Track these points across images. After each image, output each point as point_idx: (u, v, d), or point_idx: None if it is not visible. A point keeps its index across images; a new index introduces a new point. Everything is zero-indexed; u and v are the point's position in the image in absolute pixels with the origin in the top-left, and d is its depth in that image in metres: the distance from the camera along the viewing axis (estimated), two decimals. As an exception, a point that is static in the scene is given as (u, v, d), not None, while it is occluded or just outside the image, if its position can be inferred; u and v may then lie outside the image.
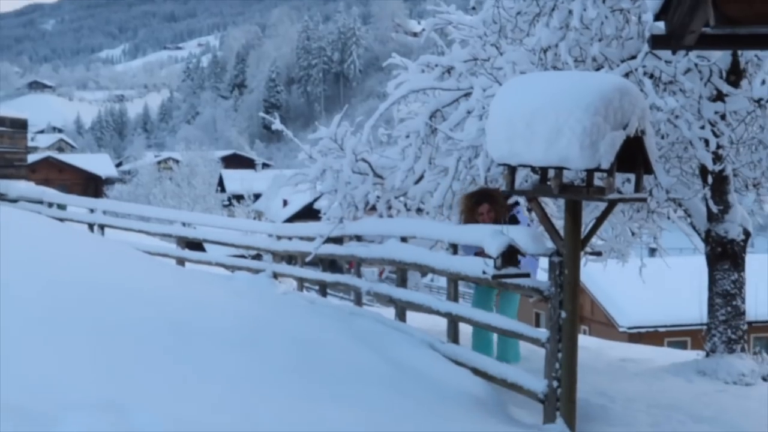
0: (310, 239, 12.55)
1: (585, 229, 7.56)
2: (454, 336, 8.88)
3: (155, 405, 5.46)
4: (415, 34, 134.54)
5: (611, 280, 25.97)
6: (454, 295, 8.92)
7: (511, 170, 7.23)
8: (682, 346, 24.29)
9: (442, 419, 6.64)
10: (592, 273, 25.76)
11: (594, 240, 11.99)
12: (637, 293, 25.19)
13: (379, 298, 10.65)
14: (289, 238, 14.00)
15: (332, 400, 6.23)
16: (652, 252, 17.38)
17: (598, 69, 9.24)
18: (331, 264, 37.60)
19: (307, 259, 12.36)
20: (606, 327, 29.05)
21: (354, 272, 11.85)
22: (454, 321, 8.86)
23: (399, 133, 11.59)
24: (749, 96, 9.54)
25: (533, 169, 7.67)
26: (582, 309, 31.53)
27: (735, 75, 9.93)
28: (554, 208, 10.60)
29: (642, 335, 27.80)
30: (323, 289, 12.98)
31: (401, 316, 10.05)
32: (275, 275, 13.90)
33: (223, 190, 76.27)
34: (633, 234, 11.48)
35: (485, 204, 9.07)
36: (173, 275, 10.27)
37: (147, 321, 7.06)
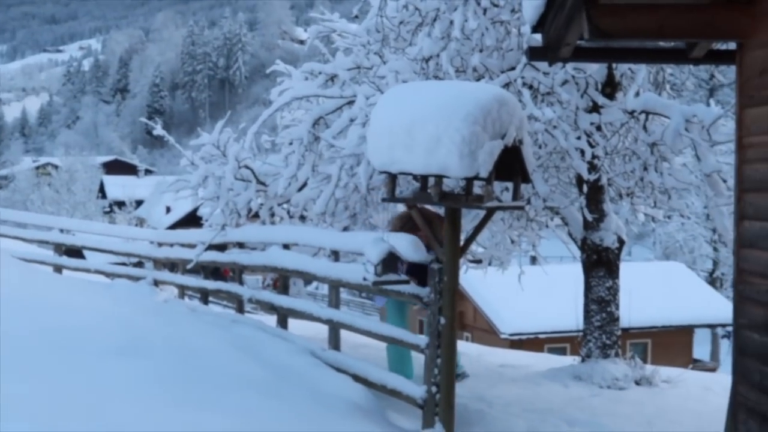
0: (192, 246, 12.42)
1: (465, 237, 7.68)
2: (335, 343, 8.90)
3: (27, 414, 5.33)
4: (301, 42, 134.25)
5: (493, 288, 26.38)
6: (335, 302, 8.95)
7: (392, 178, 7.30)
8: (562, 352, 24.72)
9: (321, 425, 6.64)
10: (475, 281, 26.13)
11: (474, 248, 12.17)
12: (518, 301, 25.59)
13: (261, 305, 10.60)
14: (171, 245, 13.83)
15: (210, 407, 6.18)
16: (533, 260, 17.70)
17: (478, 79, 9.40)
18: (214, 272, 37.25)
19: (188, 267, 12.23)
20: (488, 334, 29.42)
21: (229, 279, 11.80)
22: (335, 328, 8.88)
23: (282, 140, 11.57)
24: (623, 108, 9.82)
25: (414, 177, 7.74)
26: (464, 316, 31.94)
27: (610, 87, 10.22)
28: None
29: (523, 342, 28.24)
30: (205, 296, 12.85)
31: (283, 323, 10.02)
32: (156, 283, 13.70)
33: (104, 196, 74.80)
34: (512, 242, 11.68)
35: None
36: (49, 282, 10.03)
37: (20, 328, 6.89)
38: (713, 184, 9.35)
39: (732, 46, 6.12)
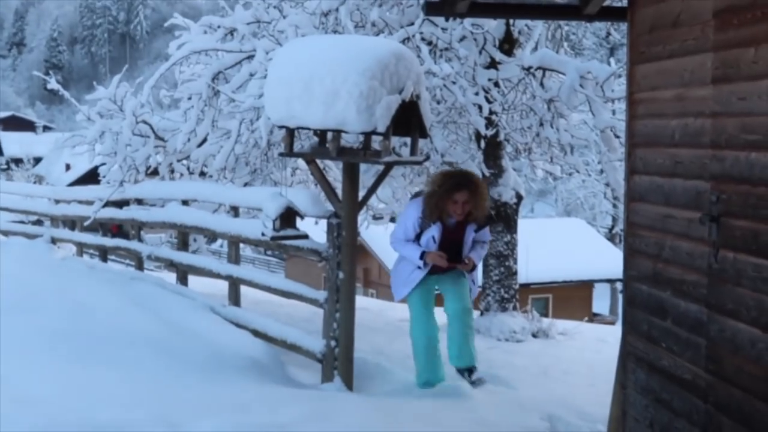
0: (90, 203, 12.21)
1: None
2: (235, 299, 8.88)
3: None
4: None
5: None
6: (235, 258, 8.91)
7: (290, 132, 7.27)
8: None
9: (220, 381, 6.64)
10: (380, 238, 26.21)
11: (376, 204, 12.23)
12: (422, 257, 25.79)
13: (161, 262, 10.51)
14: (68, 203, 13.57)
15: (103, 363, 6.14)
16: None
17: (377, 34, 9.39)
18: (117, 229, 36.65)
19: (86, 224, 12.04)
20: (392, 290, 29.60)
21: (110, 236, 11.75)
22: (235, 284, 8.85)
23: (181, 95, 11.43)
24: (520, 64, 9.93)
25: (314, 132, 7.73)
26: (370, 273, 32.12)
27: (508, 44, 10.32)
28: (338, 172, 10.73)
29: (427, 298, 28.43)
30: (104, 254, 12.67)
31: (182, 280, 9.95)
32: (54, 241, 13.46)
33: (0, 153, 72.89)
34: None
35: (465, 191, 7.16)
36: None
37: None
38: (607, 140, 9.53)
39: (624, 2, 6.21)
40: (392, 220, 13.79)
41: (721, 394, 4.56)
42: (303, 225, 7.66)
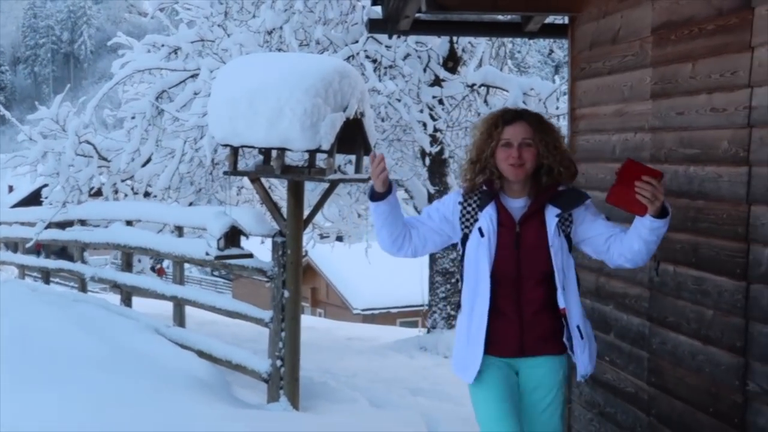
0: (33, 225, 12.04)
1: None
2: (180, 319, 8.80)
3: None
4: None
5: (346, 264, 26.50)
6: (179, 278, 8.84)
7: (234, 151, 7.23)
8: (414, 325, 25.10)
9: (164, 401, 6.55)
10: (328, 258, 26.19)
11: (323, 222, 12.22)
12: (370, 276, 25.81)
13: (105, 283, 10.38)
14: (10, 224, 13.37)
15: (48, 387, 6.03)
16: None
17: (321, 52, 9.40)
18: (61, 251, 36.21)
19: (27, 246, 11.87)
20: (341, 309, 29.59)
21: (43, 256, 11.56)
22: (179, 304, 8.77)
23: (125, 115, 11.35)
24: (464, 81, 9.99)
25: (259, 150, 7.70)
26: (317, 293, 32.01)
27: (452, 61, 10.39)
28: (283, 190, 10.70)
29: (375, 316, 28.49)
30: (46, 276, 12.49)
31: (127, 301, 9.83)
32: (-5, 263, 13.26)
33: (-59, 175, 71.73)
34: (359, 216, 11.77)
35: (522, 123, 3.92)
36: None
37: None
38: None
39: (566, 20, 6.27)
40: (339, 238, 13.78)
41: (664, 407, 4.59)
42: (250, 245, 7.61)
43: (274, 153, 7.03)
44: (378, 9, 6.80)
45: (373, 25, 6.93)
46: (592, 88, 5.52)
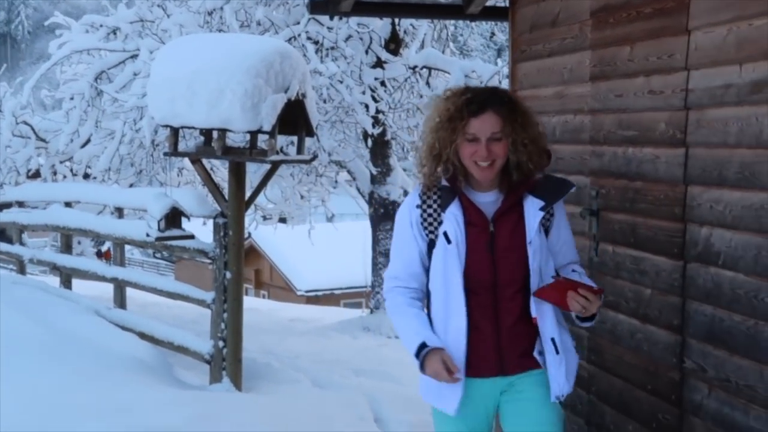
0: (-31, 207, 11.84)
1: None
2: (120, 301, 8.73)
3: None
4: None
5: (290, 246, 26.44)
6: (120, 260, 8.76)
7: (174, 132, 7.17)
8: (358, 307, 25.19)
9: (106, 384, 6.50)
10: (272, 239, 26.12)
11: (265, 204, 12.18)
12: (314, 258, 25.78)
13: (44, 265, 10.25)
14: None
15: (-16, 371, 5.95)
16: (332, 217, 17.85)
17: (263, 33, 9.36)
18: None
19: (-36, 228, 11.67)
20: (285, 291, 29.53)
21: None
22: (120, 286, 8.70)
23: (63, 95, 11.21)
24: (406, 63, 10.01)
25: (200, 131, 7.65)
26: (261, 275, 31.92)
27: (394, 43, 10.39)
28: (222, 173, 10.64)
29: (319, 298, 28.49)
30: (-17, 259, 12.29)
31: (66, 283, 9.72)
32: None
33: None
34: (302, 197, 11.75)
35: (490, 114, 3.32)
36: None
37: None
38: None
39: (506, 2, 6.29)
40: (282, 220, 13.75)
41: (603, 384, 4.66)
42: (192, 226, 7.57)
43: (215, 134, 6.98)
44: (320, -10, 6.76)
45: (315, 7, 6.90)
46: (532, 70, 5.56)
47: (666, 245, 4.05)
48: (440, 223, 3.34)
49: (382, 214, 10.99)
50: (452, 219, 3.31)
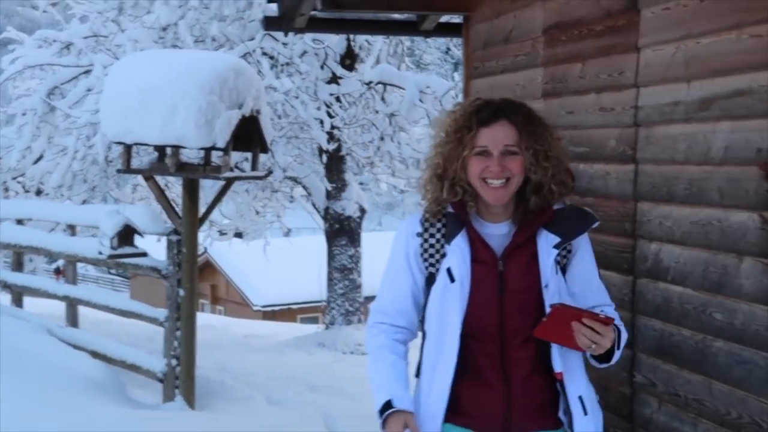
0: None
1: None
2: (72, 320, 8.64)
3: None
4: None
5: (246, 261, 26.31)
6: (72, 278, 8.67)
7: (127, 148, 7.13)
8: (315, 321, 25.10)
9: (57, 403, 6.43)
10: (228, 254, 26.01)
11: (221, 220, 12.13)
12: (271, 273, 25.66)
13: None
14: None
15: (-69, 391, 5.86)
16: (289, 232, 17.83)
17: (217, 49, 9.33)
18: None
19: None
20: (241, 307, 29.35)
21: None
22: (72, 304, 8.61)
23: (15, 111, 11.09)
24: (361, 79, 10.03)
25: (154, 147, 7.61)
26: (217, 290, 31.73)
27: (349, 59, 10.40)
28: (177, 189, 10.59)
29: (275, 313, 28.33)
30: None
31: (17, 301, 9.60)
32: None
33: None
34: (257, 213, 11.72)
35: (503, 123, 2.82)
36: None
37: None
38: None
39: (460, 19, 6.33)
40: (237, 235, 13.70)
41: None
42: (146, 243, 7.52)
43: (168, 150, 6.96)
44: (274, 6, 6.77)
45: (269, 23, 6.90)
46: (485, 86, 5.58)
47: (616, 260, 4.08)
48: (443, 256, 2.85)
49: (338, 229, 10.99)
50: (458, 253, 2.81)
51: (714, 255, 3.48)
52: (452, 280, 2.80)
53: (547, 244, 2.81)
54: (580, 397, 2.85)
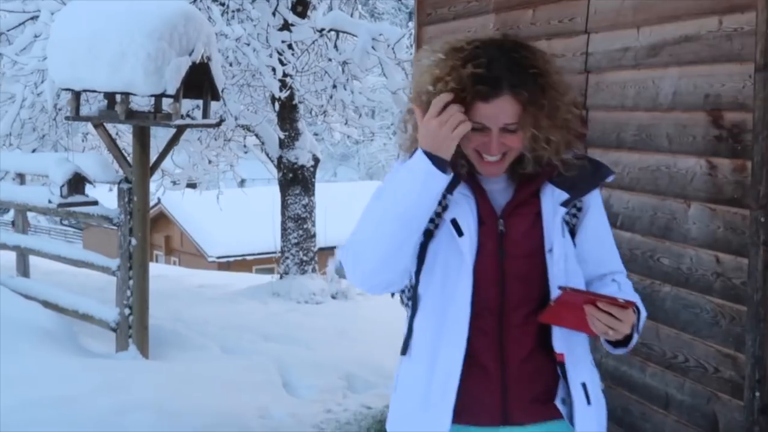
0: None
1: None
2: (23, 270, 8.56)
3: None
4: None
5: (201, 211, 26.17)
6: (22, 227, 8.58)
7: (76, 95, 7.03)
8: (270, 272, 25.07)
9: (8, 354, 6.39)
10: (182, 205, 25.84)
11: (173, 169, 12.03)
12: (226, 224, 25.55)
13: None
14: None
15: None
16: (243, 183, 17.73)
17: (167, -5, 9.18)
18: None
19: None
20: (196, 258, 29.23)
21: None
22: (23, 254, 8.53)
23: (-40, 58, 10.86)
24: (314, 26, 9.93)
25: (104, 95, 7.51)
26: (171, 241, 31.57)
27: (302, 5, 10.29)
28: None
29: (231, 264, 28.25)
30: None
31: (-33, 252, 9.50)
32: None
33: None
34: (210, 162, 11.63)
35: (506, 99, 2.28)
36: None
37: None
38: (399, 102, 9.67)
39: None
40: (191, 185, 13.61)
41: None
42: (98, 193, 7.46)
43: (118, 98, 6.87)
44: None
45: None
46: (437, 33, 5.56)
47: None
48: (444, 209, 2.35)
49: (291, 178, 10.94)
50: (464, 204, 2.34)
51: (662, 201, 3.52)
52: (460, 233, 2.32)
53: (552, 201, 2.37)
54: (583, 384, 2.42)
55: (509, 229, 2.37)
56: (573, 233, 2.44)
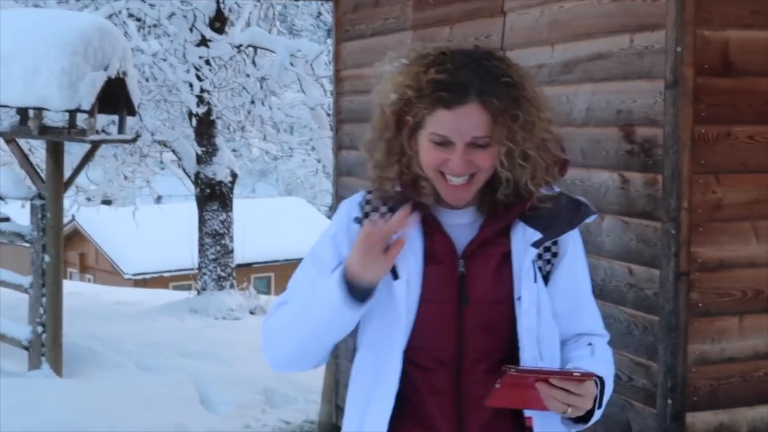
0: None
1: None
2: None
3: None
4: None
5: (116, 228, 25.81)
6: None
7: (-12, 110, 6.91)
8: (188, 289, 24.81)
9: None
10: (97, 222, 25.47)
11: (88, 185, 11.87)
12: (142, 240, 25.24)
13: None
14: None
15: None
16: (159, 199, 17.53)
17: (81, 9, 9.10)
18: None
19: None
20: (112, 275, 28.79)
21: None
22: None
23: None
24: (231, 42, 9.92)
25: (17, 109, 7.39)
26: (86, 258, 31.08)
27: (219, 21, 10.27)
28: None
29: (147, 281, 27.88)
30: None
31: None
32: None
33: None
34: (126, 178, 11.52)
35: (474, 107, 1.92)
36: None
37: None
38: (317, 117, 9.70)
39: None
40: (105, 202, 13.43)
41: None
42: (10, 209, 7.32)
43: (31, 113, 6.78)
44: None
45: (135, -18, 6.77)
46: (355, 49, 5.59)
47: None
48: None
49: (209, 194, 10.88)
50: (408, 246, 1.94)
51: (576, 214, 3.58)
52: (395, 277, 1.98)
53: (523, 241, 2.01)
54: None
55: (471, 270, 2.01)
56: (546, 280, 2.07)
